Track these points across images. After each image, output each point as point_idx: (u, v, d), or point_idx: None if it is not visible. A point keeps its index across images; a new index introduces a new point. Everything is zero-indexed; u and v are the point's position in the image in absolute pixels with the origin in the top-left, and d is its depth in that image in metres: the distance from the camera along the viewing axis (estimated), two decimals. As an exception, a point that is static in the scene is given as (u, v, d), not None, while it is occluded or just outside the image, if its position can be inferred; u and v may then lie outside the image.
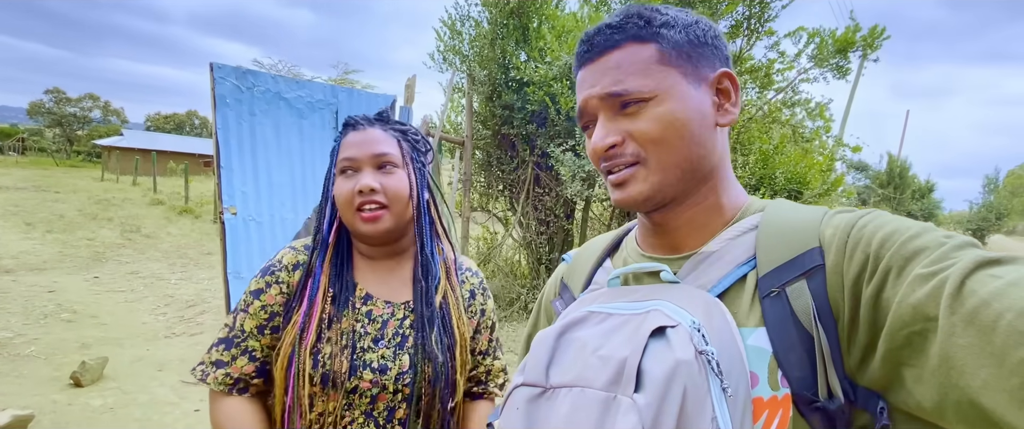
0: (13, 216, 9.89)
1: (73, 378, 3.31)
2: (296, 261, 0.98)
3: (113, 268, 7.01)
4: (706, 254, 0.60)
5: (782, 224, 0.57)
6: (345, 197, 0.94)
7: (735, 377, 0.48)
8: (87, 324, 4.56)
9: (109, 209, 11.59)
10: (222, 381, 0.92)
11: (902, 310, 0.43)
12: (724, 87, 0.61)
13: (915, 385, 0.43)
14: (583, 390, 0.49)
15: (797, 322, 0.51)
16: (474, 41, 5.84)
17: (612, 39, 0.59)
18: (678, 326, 0.49)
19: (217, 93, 3.58)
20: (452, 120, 6.42)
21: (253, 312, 0.94)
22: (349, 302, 0.96)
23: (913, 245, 0.46)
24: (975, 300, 0.39)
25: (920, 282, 0.43)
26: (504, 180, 6.13)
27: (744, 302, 0.55)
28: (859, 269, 0.49)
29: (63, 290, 5.59)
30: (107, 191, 14.86)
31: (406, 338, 0.96)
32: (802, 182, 5.36)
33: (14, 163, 29.68)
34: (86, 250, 7.86)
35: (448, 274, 1.05)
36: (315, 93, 4.08)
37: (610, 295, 0.61)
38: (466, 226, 5.75)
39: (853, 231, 0.51)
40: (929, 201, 25.89)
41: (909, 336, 0.43)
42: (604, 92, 0.58)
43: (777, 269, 0.54)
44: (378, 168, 0.95)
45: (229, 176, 3.63)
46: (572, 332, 0.56)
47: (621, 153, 0.59)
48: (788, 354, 0.50)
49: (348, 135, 0.97)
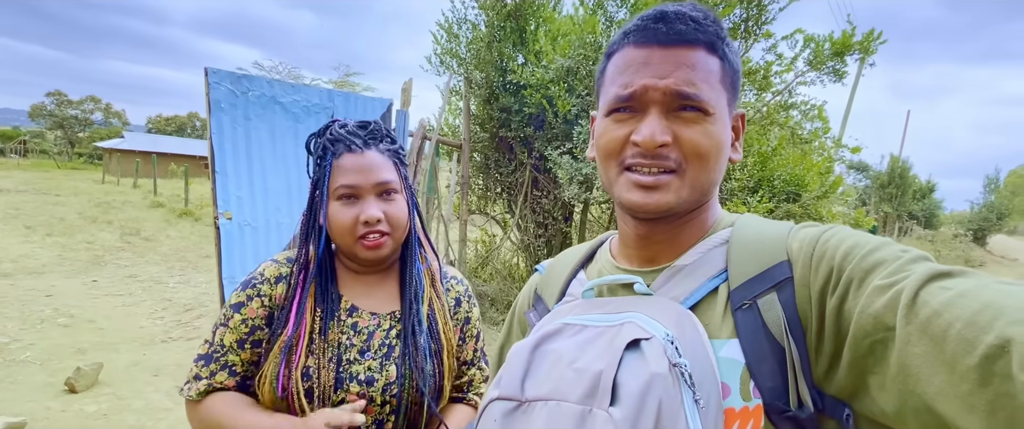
0: (13, 219, 9.90)
1: (68, 384, 3.30)
2: (278, 274, 0.97)
3: (112, 272, 7.01)
4: (679, 267, 0.60)
5: (752, 238, 0.58)
6: (346, 225, 0.92)
7: (707, 388, 0.48)
8: (84, 329, 4.55)
9: (109, 212, 11.60)
10: (202, 391, 0.91)
11: (863, 320, 0.45)
12: (737, 127, 0.63)
13: (878, 392, 0.45)
14: (559, 404, 0.49)
15: (768, 334, 0.51)
16: (471, 44, 5.84)
17: (694, 35, 0.56)
18: (652, 339, 0.49)
19: (212, 98, 3.58)
20: (450, 123, 6.41)
21: (233, 326, 0.93)
22: (335, 315, 0.95)
23: (872, 258, 0.47)
24: (928, 310, 0.40)
25: (878, 293, 0.44)
26: (502, 183, 6.12)
27: (717, 314, 0.55)
28: (824, 281, 0.50)
29: (61, 294, 5.58)
30: (108, 194, 14.88)
31: (392, 349, 0.95)
32: (801, 184, 5.34)
33: (15, 165, 29.75)
34: (85, 253, 7.86)
35: (433, 282, 1.05)
36: (311, 97, 4.08)
37: (584, 307, 0.60)
38: (464, 229, 5.74)
39: (818, 245, 0.53)
40: (930, 201, 25.83)
41: (871, 345, 0.45)
42: (677, 89, 0.55)
43: (748, 282, 0.54)
44: (380, 195, 0.94)
45: (224, 181, 3.62)
46: (547, 344, 0.56)
47: (665, 156, 0.57)
48: (760, 365, 0.51)
49: (343, 158, 0.93)
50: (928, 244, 19.04)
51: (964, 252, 19.14)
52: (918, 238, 20.90)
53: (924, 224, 25.59)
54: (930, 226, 26.19)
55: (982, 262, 18.14)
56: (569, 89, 5.03)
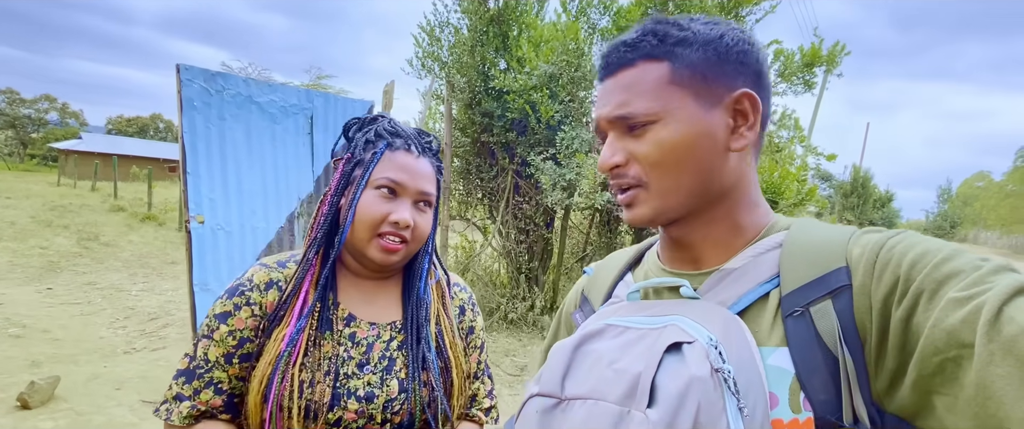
0: (-42, 223, 9.29)
1: (20, 400, 3.07)
2: (269, 279, 0.88)
3: (68, 278, 6.63)
4: (728, 271, 0.58)
5: (808, 243, 0.55)
6: (374, 217, 0.86)
7: (753, 397, 0.47)
8: (38, 340, 4.26)
9: (65, 216, 11.00)
10: (187, 414, 0.81)
11: (935, 335, 0.42)
12: (742, 108, 0.58)
13: (946, 414, 0.42)
14: (597, 403, 0.49)
15: (821, 343, 0.49)
16: (453, 48, 5.78)
17: (625, 57, 0.59)
18: (694, 342, 0.48)
19: (184, 95, 3.41)
20: (431, 127, 6.32)
21: (219, 338, 0.83)
22: (331, 323, 0.87)
23: (946, 268, 0.45)
24: (1014, 328, 0.37)
25: (954, 306, 0.41)
26: (483, 188, 6.07)
27: (766, 321, 0.53)
28: (888, 290, 0.47)
29: (12, 303, 5.23)
30: (63, 197, 14.12)
31: (394, 361, 0.88)
32: (777, 192, 5.46)
33: (-39, 167, 28.05)
34: (39, 259, 7.42)
35: (442, 298, 0.99)
36: (289, 97, 3.94)
37: (629, 309, 0.60)
38: (445, 234, 5.65)
39: (882, 251, 0.50)
40: (889, 210, 26.97)
41: (942, 363, 0.42)
42: (611, 115, 0.59)
43: (802, 288, 0.52)
44: (416, 203, 0.91)
45: (196, 182, 3.45)
46: (589, 344, 0.56)
47: (624, 174, 0.59)
48: (811, 376, 0.49)
49: (399, 154, 0.90)
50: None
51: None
52: (879, 245, 21.70)
53: (884, 232, 26.65)
54: (889, 234, 27.30)
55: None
56: (552, 95, 5.03)
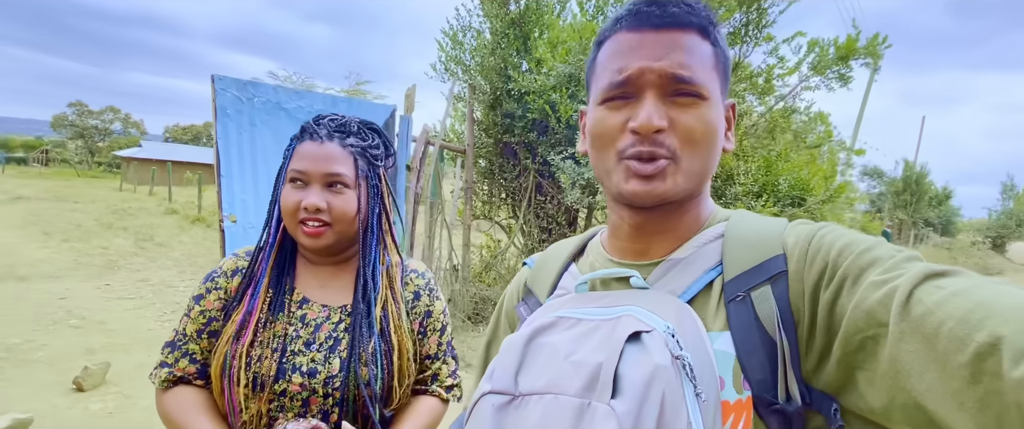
0: (32, 226, 10.15)
1: (75, 383, 3.38)
2: (235, 267, 1.00)
3: (124, 276, 7.15)
4: (675, 260, 0.60)
5: (747, 232, 0.58)
6: (290, 208, 0.94)
7: (707, 382, 0.48)
8: (94, 330, 4.65)
9: (125, 218, 11.84)
10: (165, 378, 0.94)
11: (856, 315, 0.46)
12: (729, 116, 0.62)
13: (867, 388, 0.45)
14: (556, 397, 0.47)
15: (760, 326, 0.52)
16: (475, 51, 5.91)
17: (687, 18, 0.56)
18: (653, 331, 0.49)
19: (218, 104, 3.67)
20: (455, 129, 6.47)
21: (193, 316, 0.97)
22: (284, 305, 0.96)
23: (868, 256, 0.48)
24: (921, 308, 0.41)
25: (873, 289, 0.45)
26: (506, 188, 6.16)
27: (711, 307, 0.55)
28: (818, 275, 0.51)
29: (74, 297, 5.71)
30: (124, 201, 15.19)
31: (339, 342, 0.95)
32: (806, 189, 5.30)
33: (37, 174, 30.48)
34: (100, 258, 8.03)
35: (391, 284, 1.04)
36: (315, 103, 4.16)
37: (579, 300, 0.59)
38: (467, 234, 5.77)
39: (813, 240, 0.53)
40: (947, 208, 25.29)
41: (863, 340, 0.45)
42: (672, 72, 0.55)
43: (743, 274, 0.54)
44: (327, 186, 0.95)
45: (229, 184, 3.70)
46: (542, 337, 0.54)
47: (661, 142, 0.55)
48: (751, 357, 0.51)
49: (304, 144, 0.96)
50: (945, 252, 18.64)
51: (982, 260, 18.69)
52: (935, 245, 20.47)
53: (941, 231, 25.08)
54: (947, 233, 25.66)
55: (1001, 270, 17.71)
56: (571, 95, 5.07)
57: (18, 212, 11.76)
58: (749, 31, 4.84)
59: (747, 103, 5.41)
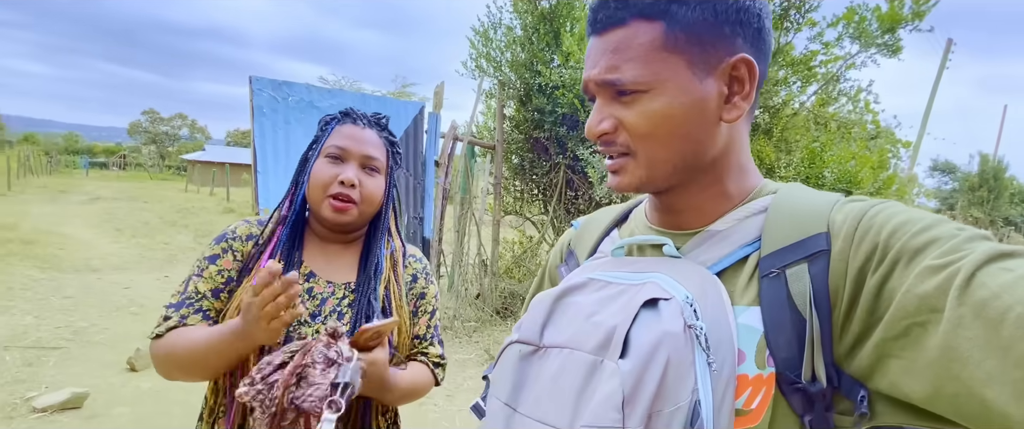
0: (107, 223, 11.06)
1: (129, 363, 3.66)
2: (249, 232, 1.04)
3: (182, 269, 7.66)
4: (712, 232, 0.60)
5: (792, 207, 0.56)
6: (324, 179, 0.98)
7: (722, 353, 0.49)
8: (151, 317, 5.01)
9: (187, 217, 12.70)
10: (170, 327, 0.93)
11: (907, 300, 0.43)
12: (739, 75, 0.56)
13: (902, 376, 0.43)
14: (573, 352, 0.51)
15: (792, 304, 0.51)
16: (506, 47, 5.94)
17: (617, 15, 0.56)
18: (672, 299, 0.50)
19: (255, 104, 3.86)
20: (487, 126, 6.53)
21: (208, 276, 0.98)
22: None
23: (924, 236, 0.45)
24: (985, 292, 0.38)
25: (929, 273, 0.42)
26: (537, 183, 6.16)
27: (742, 280, 0.55)
28: (866, 257, 0.48)
29: (137, 287, 6.18)
30: (188, 201, 16.29)
31: (343, 316, 0.99)
32: (853, 181, 4.99)
33: (115, 177, 33.13)
34: (162, 252, 8.64)
35: (394, 267, 1.09)
36: (346, 101, 4.31)
37: (612, 264, 0.61)
38: (497, 229, 5.81)
39: (863, 219, 0.51)
40: (1031, 205, 23.10)
41: (908, 326, 0.43)
42: (599, 79, 0.57)
43: (780, 251, 0.53)
44: (362, 167, 1.01)
45: (265, 180, 3.89)
46: (570, 297, 0.57)
47: (612, 141, 0.58)
48: (777, 335, 0.50)
49: (344, 125, 1.03)
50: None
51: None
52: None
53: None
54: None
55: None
56: (600, 87, 5.00)
57: (96, 211, 12.85)
58: (791, 16, 4.61)
59: (791, 90, 5.16)
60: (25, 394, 3.15)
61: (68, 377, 3.45)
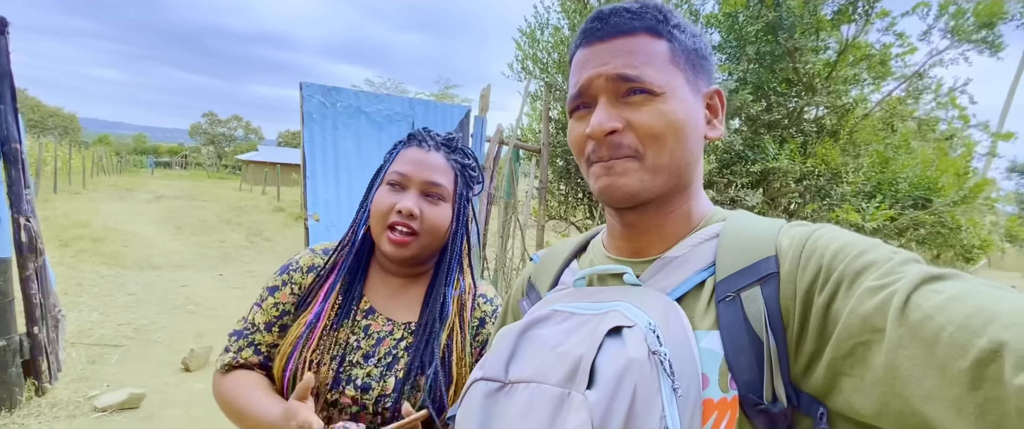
0: (168, 221, 11.67)
1: (183, 363, 3.77)
2: (312, 264, 1.00)
3: (235, 267, 7.94)
4: (669, 259, 0.61)
5: (742, 233, 0.58)
6: (382, 210, 0.92)
7: (687, 378, 0.49)
8: (206, 316, 5.19)
9: (240, 215, 13.23)
10: (226, 363, 0.94)
11: (851, 321, 0.45)
12: (713, 104, 0.63)
13: (853, 394, 0.45)
14: (540, 386, 0.50)
15: (749, 327, 0.52)
16: (554, 47, 5.80)
17: (630, 24, 0.59)
18: (635, 326, 0.50)
19: (305, 109, 3.89)
20: (532, 128, 6.41)
21: (266, 308, 0.96)
22: (351, 313, 0.94)
23: (863, 259, 0.47)
24: (919, 313, 0.40)
25: (869, 295, 0.44)
26: (583, 187, 5.99)
27: (701, 306, 0.56)
28: (812, 279, 0.50)
29: (193, 285, 6.43)
30: (242, 199, 17.01)
31: (397, 360, 0.92)
32: (932, 188, 4.55)
33: (177, 176, 35.20)
34: (217, 250, 9.00)
35: (461, 311, 0.99)
36: (393, 106, 4.29)
37: (574, 295, 0.62)
38: (541, 234, 5.68)
39: (808, 243, 0.53)
40: None
41: (854, 346, 0.44)
42: (616, 73, 0.58)
43: (734, 275, 0.55)
44: (425, 194, 0.93)
45: (314, 185, 3.92)
46: (534, 330, 0.57)
47: (619, 143, 0.58)
48: (738, 357, 0.51)
49: (409, 149, 0.96)
50: None
51: None
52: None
53: (1122, 239, 20.70)
54: None
55: None
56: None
57: (159, 209, 13.59)
58: (859, 9, 4.24)
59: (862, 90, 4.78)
60: (87, 392, 3.27)
61: (127, 375, 3.57)
